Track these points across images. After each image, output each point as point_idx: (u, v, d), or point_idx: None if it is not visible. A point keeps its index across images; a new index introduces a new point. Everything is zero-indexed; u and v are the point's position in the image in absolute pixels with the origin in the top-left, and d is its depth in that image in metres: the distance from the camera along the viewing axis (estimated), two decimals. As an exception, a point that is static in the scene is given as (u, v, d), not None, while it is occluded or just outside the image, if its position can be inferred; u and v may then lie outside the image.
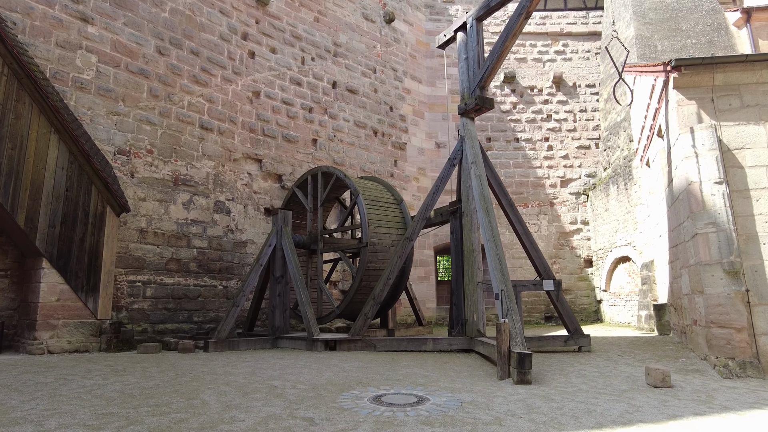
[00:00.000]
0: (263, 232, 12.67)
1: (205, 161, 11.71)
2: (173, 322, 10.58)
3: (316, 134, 14.46)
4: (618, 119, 15.97)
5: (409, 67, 18.00)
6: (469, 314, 8.96)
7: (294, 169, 13.67)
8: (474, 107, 9.53)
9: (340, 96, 15.38)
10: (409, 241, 9.27)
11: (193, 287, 11.06)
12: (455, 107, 18.69)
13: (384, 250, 10.00)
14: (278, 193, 13.24)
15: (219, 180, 11.95)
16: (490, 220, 7.97)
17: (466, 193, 9.47)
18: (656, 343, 9.79)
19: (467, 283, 9.07)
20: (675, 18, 15.19)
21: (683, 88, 7.74)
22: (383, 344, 8.82)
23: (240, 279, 11.95)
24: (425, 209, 9.43)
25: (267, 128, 13.21)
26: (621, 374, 6.73)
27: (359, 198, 9.98)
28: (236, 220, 12.18)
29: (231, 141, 12.35)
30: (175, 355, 8.34)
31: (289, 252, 9.86)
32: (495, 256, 7.50)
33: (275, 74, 13.75)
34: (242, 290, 9.58)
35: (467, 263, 9.12)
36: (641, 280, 12.88)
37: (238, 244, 12.11)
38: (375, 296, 9.01)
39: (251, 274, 9.82)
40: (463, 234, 9.34)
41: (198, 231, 11.31)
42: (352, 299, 9.85)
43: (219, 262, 11.64)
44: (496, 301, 7.19)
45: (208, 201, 11.65)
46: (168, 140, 11.03)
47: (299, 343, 9.18)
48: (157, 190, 10.69)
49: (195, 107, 11.68)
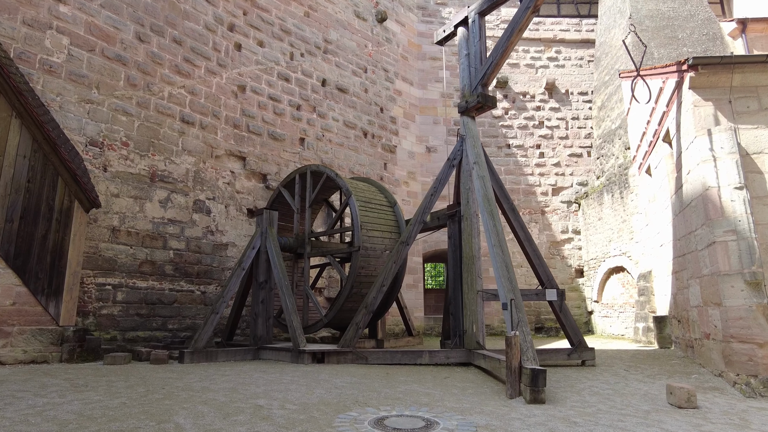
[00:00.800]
0: (245, 234, 11.92)
1: (185, 157, 10.93)
2: (146, 329, 9.74)
3: (304, 133, 13.79)
4: (612, 127, 15.71)
5: (400, 68, 17.50)
6: (468, 325, 8.37)
7: (280, 168, 12.97)
8: (476, 105, 9.00)
9: (330, 94, 14.76)
10: (404, 246, 8.66)
11: (169, 292, 10.23)
12: (447, 111, 18.30)
13: (377, 255, 9.36)
14: (262, 194, 12.51)
15: (199, 177, 11.18)
16: (495, 224, 7.41)
17: (466, 195, 8.92)
18: (660, 357, 9.34)
19: (466, 292, 8.48)
20: (671, 26, 15.03)
21: (700, 88, 7.35)
22: (375, 357, 8.16)
23: (219, 284, 11.16)
24: (422, 212, 8.84)
25: (252, 125, 12.50)
26: (636, 392, 6.21)
27: (351, 198, 9.34)
28: (217, 221, 11.40)
29: (213, 136, 11.60)
30: (146, 366, 7.53)
31: (275, 255, 9.14)
32: (502, 263, 6.94)
33: (262, 69, 13.07)
34: (222, 296, 8.82)
35: (466, 270, 8.55)
36: (638, 291, 12.50)
37: (219, 247, 11.33)
38: (367, 304, 8.35)
39: (232, 278, 9.07)
40: (462, 239, 8.77)
41: (175, 231, 10.51)
42: (342, 307, 9.17)
43: (197, 265, 10.84)
44: (504, 312, 6.61)
45: (187, 199, 10.86)
46: (146, 133, 10.24)
47: (284, 354, 8.45)
48: (132, 186, 9.87)
49: (176, 99, 10.91)
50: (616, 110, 15.52)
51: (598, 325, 15.85)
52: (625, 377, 7.38)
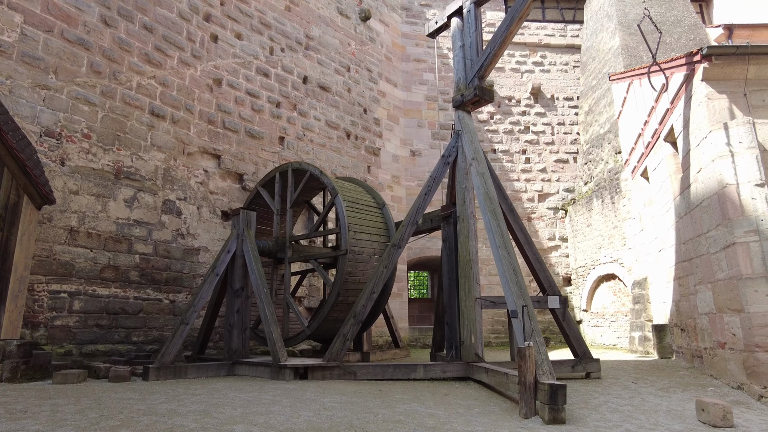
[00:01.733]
0: (219, 238, 11.00)
1: (154, 153, 10.00)
2: (106, 342, 8.72)
3: (284, 131, 13.00)
4: (601, 131, 15.42)
5: (384, 68, 16.91)
6: (465, 336, 7.69)
7: (257, 168, 12.12)
8: (472, 99, 8.42)
9: (311, 92, 14.03)
10: (397, 249, 7.95)
11: (134, 300, 9.24)
12: (431, 114, 17.78)
13: (365, 259, 8.62)
14: (238, 195, 11.63)
15: (170, 175, 10.25)
16: (498, 224, 6.77)
17: (462, 195, 8.29)
18: (665, 369, 8.83)
19: (463, 299, 7.81)
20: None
21: (713, 80, 6.92)
22: (365, 371, 7.38)
23: (190, 292, 10.20)
24: (415, 213, 8.16)
25: (228, 121, 11.65)
26: (658, 408, 5.61)
27: (338, 198, 8.59)
28: (188, 224, 10.47)
29: (186, 132, 10.71)
30: (103, 385, 6.57)
31: (252, 260, 8.30)
32: (508, 266, 6.29)
33: (240, 62, 12.26)
34: (193, 305, 7.92)
35: (463, 276, 7.88)
36: (633, 299, 12.06)
37: (190, 252, 10.39)
38: (356, 314, 7.58)
39: (204, 285, 8.18)
40: (459, 242, 8.11)
41: (142, 234, 9.54)
42: (327, 317, 8.37)
43: (166, 271, 9.87)
44: (514, 320, 5.95)
45: (156, 199, 9.92)
46: (110, 125, 9.29)
47: (262, 370, 7.59)
48: (94, 183, 8.90)
49: (145, 90, 10.00)
50: (605, 114, 15.24)
51: (588, 335, 15.39)
52: (637, 391, 6.79)
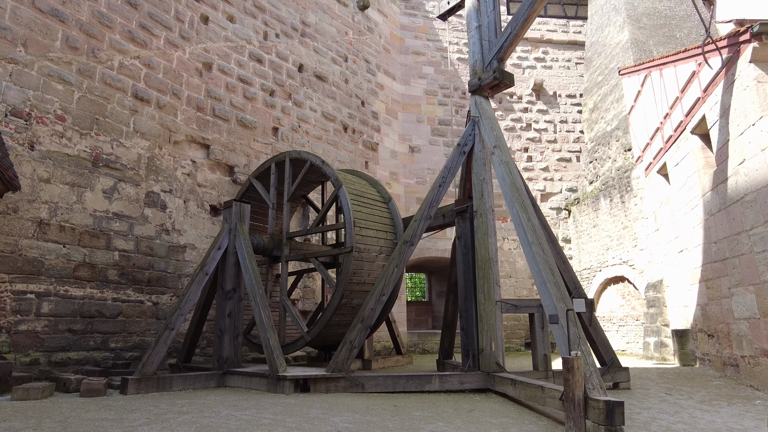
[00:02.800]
0: (207, 235, 10.10)
1: (137, 140, 9.08)
2: (80, 349, 7.77)
3: (278, 122, 12.14)
4: (608, 129, 14.86)
5: (382, 60, 16.15)
6: (484, 343, 6.93)
7: (249, 160, 11.24)
8: (491, 83, 7.69)
9: (307, 81, 13.20)
10: (409, 246, 7.16)
11: (112, 302, 8.30)
12: (430, 109, 17.06)
13: (371, 258, 7.81)
14: (228, 188, 10.74)
15: (154, 165, 9.33)
16: (529, 218, 6.04)
17: (480, 187, 7.54)
18: (693, 378, 8.18)
19: (482, 302, 7.05)
20: (669, 25, 14.39)
21: (764, 62, 6.29)
22: (374, 383, 6.56)
23: (175, 293, 9.28)
24: (429, 206, 7.39)
25: (219, 108, 10.76)
26: (716, 427, 4.91)
27: (342, 190, 7.78)
28: (173, 218, 9.55)
29: (172, 118, 9.80)
30: (73, 401, 5.66)
31: (246, 257, 7.44)
32: (545, 265, 5.55)
33: (232, 46, 11.38)
34: (179, 308, 7.03)
35: (482, 276, 7.13)
36: (647, 303, 11.45)
37: (175, 249, 9.47)
38: (364, 318, 6.77)
39: (192, 285, 7.29)
40: (476, 239, 7.36)
41: (122, 228, 8.61)
42: (329, 322, 7.53)
43: (149, 270, 8.94)
44: (554, 327, 5.20)
45: (138, 191, 8.99)
46: (88, 107, 8.36)
47: (257, 381, 6.73)
48: (69, 171, 7.96)
49: (128, 71, 9.09)
50: (612, 111, 14.68)
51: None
52: (678, 404, 6.10)
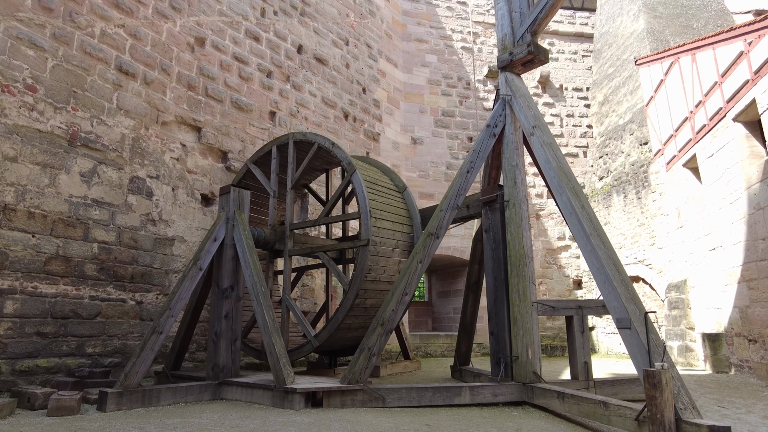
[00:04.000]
0: (198, 227, 9.11)
1: (120, 118, 8.05)
2: (51, 355, 6.73)
3: (276, 105, 11.18)
4: (620, 122, 14.20)
5: (384, 46, 15.27)
6: (520, 349, 6.11)
7: (245, 146, 10.26)
8: (524, 57, 6.88)
9: (307, 64, 12.25)
10: (435, 239, 6.30)
11: (89, 301, 7.27)
12: (433, 99, 16.22)
13: (386, 253, 6.93)
14: (221, 176, 9.75)
15: (139, 147, 8.31)
16: (583, 205, 5.23)
17: (513, 174, 6.72)
18: (738, 387, 7.47)
19: (516, 304, 6.23)
20: (685, 15, 13.80)
21: (843, 34, 5.58)
22: (396, 396, 5.69)
23: (162, 292, 8.27)
24: (456, 194, 6.53)
25: (212, 87, 9.76)
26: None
27: (356, 175, 6.87)
28: (161, 207, 8.54)
29: (161, 96, 8.78)
30: (39, 422, 4.66)
31: (246, 250, 6.50)
32: (608, 260, 4.74)
33: (227, 21, 10.38)
34: (169, 308, 6.05)
35: (516, 274, 6.30)
36: (669, 304, 10.78)
37: (162, 242, 8.46)
38: (384, 321, 5.88)
39: (184, 282, 6.32)
40: (508, 232, 6.53)
41: (102, 217, 7.58)
42: (341, 324, 6.62)
43: (132, 265, 7.92)
44: (624, 333, 4.39)
45: (122, 175, 7.97)
46: (64, 78, 7.32)
47: (260, 394, 5.79)
48: (40, 149, 6.91)
49: (111, 40, 8.05)
50: (625, 104, 14.03)
51: (603, 343, 14.11)
52: (745, 420, 5.35)
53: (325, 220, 7.25)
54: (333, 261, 8.32)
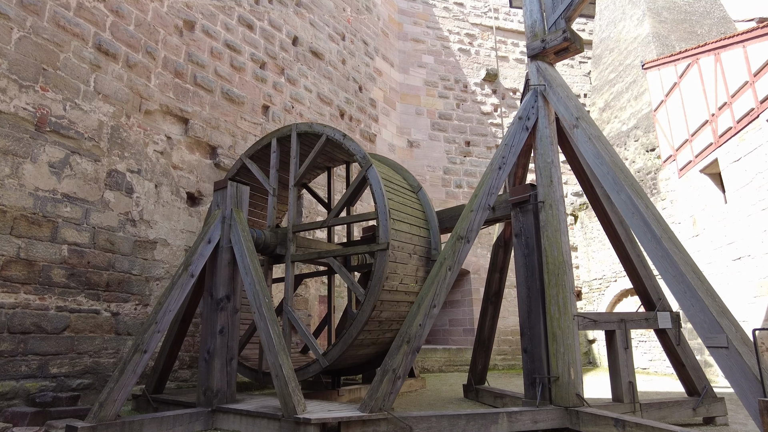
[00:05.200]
0: (184, 229, 8.13)
1: (98, 103, 7.07)
2: (7, 377, 5.66)
3: (269, 99, 10.30)
4: (623, 128, 13.80)
5: (380, 44, 14.58)
6: (560, 368, 5.38)
7: (236, 141, 9.35)
8: (558, 46, 6.24)
9: (302, 57, 11.43)
10: (465, 243, 5.53)
11: (56, 313, 6.22)
12: (430, 101, 15.58)
13: (404, 259, 6.12)
14: (209, 173, 8.81)
15: (119, 137, 7.33)
16: (647, 205, 4.54)
17: (549, 171, 6.04)
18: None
19: (555, 317, 5.50)
20: (689, 21, 13.55)
21: None
22: (425, 426, 4.86)
23: (141, 301, 7.26)
24: (487, 194, 5.79)
25: (201, 76, 8.85)
26: None
27: (372, 171, 6.07)
28: (142, 206, 7.55)
29: (145, 82, 7.83)
30: (-11, 466, 3.65)
31: (246, 254, 5.60)
32: (686, 266, 4.05)
33: (219, 6, 9.50)
34: (155, 321, 5.10)
35: (554, 284, 5.59)
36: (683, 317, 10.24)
37: (142, 245, 7.46)
38: (411, 337, 5.06)
39: (173, 291, 5.37)
40: (544, 237, 5.82)
41: (74, 215, 6.56)
42: (354, 341, 5.76)
43: (107, 271, 6.90)
44: (716, 353, 3.68)
45: (98, 168, 6.96)
46: (32, 52, 6.32)
47: (264, 424, 4.88)
48: (1, 134, 5.89)
49: (90, 15, 7.09)
50: (629, 109, 13.65)
51: (605, 357, 13.54)
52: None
53: (334, 221, 6.39)
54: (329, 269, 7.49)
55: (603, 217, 6.37)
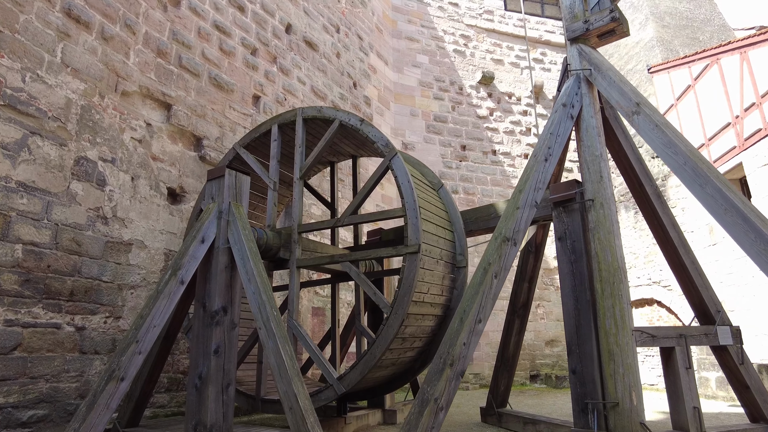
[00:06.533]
0: (163, 230, 7.05)
1: (66, 77, 5.97)
2: (-61, 407, 4.47)
3: (260, 89, 9.33)
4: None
5: (375, 40, 13.80)
6: (619, 392, 4.59)
7: (223, 132, 8.33)
8: (604, 27, 5.56)
9: (296, 46, 10.52)
10: (512, 247, 4.70)
11: (4, 327, 5.06)
12: (425, 102, 14.85)
13: (431, 265, 5.24)
14: (194, 167, 7.76)
15: (90, 120, 6.24)
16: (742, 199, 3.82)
17: (598, 166, 5.31)
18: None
19: (612, 332, 4.73)
20: (691, 27, 13.31)
21: None
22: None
23: (113, 314, 6.13)
24: (534, 189, 4.99)
25: (187, 58, 7.82)
26: None
27: (397, 161, 5.20)
28: (115, 201, 6.44)
29: (122, 59, 6.77)
30: None
31: (249, 257, 4.61)
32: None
33: (206, -18, 8.52)
34: (136, 339, 4.05)
35: (608, 294, 4.82)
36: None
37: (115, 247, 6.34)
38: (454, 359, 4.16)
39: (158, 302, 4.33)
40: (594, 240, 5.06)
41: (32, 208, 5.43)
42: (379, 362, 4.82)
43: (72, 277, 5.76)
44: None
45: (64, 154, 5.85)
46: (-16, 11, 5.22)
47: (275, 467, 3.87)
48: (-61, 106, 4.76)
49: (56, -25, 6.02)
50: (631, 115, 13.23)
51: (606, 372, 12.92)
52: None
53: (350, 220, 5.46)
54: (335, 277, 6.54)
55: (653, 219, 5.68)
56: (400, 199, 5.19)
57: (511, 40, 16.49)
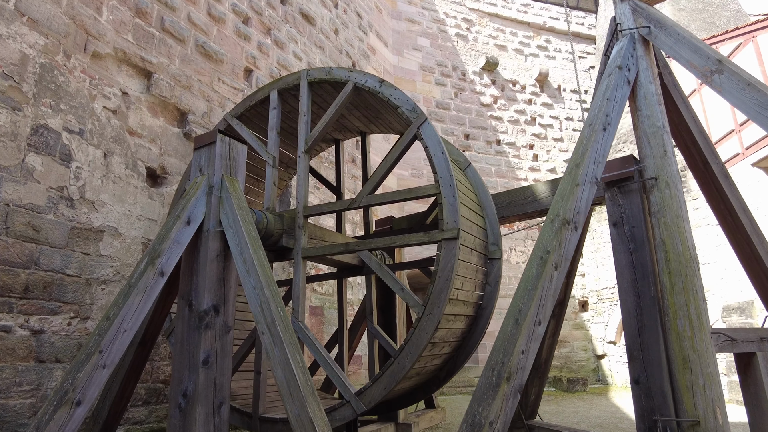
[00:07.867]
0: (141, 215, 6.06)
1: (21, 28, 4.95)
2: None
3: (253, 62, 8.36)
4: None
5: (374, 19, 12.88)
6: (699, 406, 3.78)
7: (211, 107, 7.35)
8: (666, -24, 4.72)
9: (292, 19, 9.56)
10: (573, 231, 3.85)
11: (-61, 331, 4.05)
12: (427, 88, 13.98)
13: (466, 255, 4.37)
14: (177, 145, 6.77)
15: (52, 82, 5.22)
16: None
17: (660, 139, 4.49)
18: None
19: (685, 335, 3.92)
20: (707, 11, 12.68)
21: None
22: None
23: (78, 314, 5.14)
24: (594, 162, 4.14)
25: (170, 21, 6.82)
26: None
27: (428, 128, 4.35)
28: (84, 180, 5.44)
29: (94, 14, 5.75)
30: None
31: (247, 242, 3.69)
32: None
33: (192, -62, 7.52)
34: (98, 349, 3.10)
35: (680, 289, 4.01)
36: (730, 332, 9.02)
37: (83, 235, 5.34)
38: (511, 372, 3.28)
39: (130, 298, 3.38)
40: (659, 225, 4.24)
41: (-25, 185, 4.42)
42: (408, 373, 3.93)
43: (27, 269, 4.75)
44: None
45: (17, 120, 4.84)
46: None
47: None
48: None
49: None
50: (645, 103, 12.56)
51: (617, 374, 12.26)
52: None
53: (368, 200, 4.54)
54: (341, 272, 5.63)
55: (719, 204, 4.89)
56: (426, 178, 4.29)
57: (514, 26, 15.72)
